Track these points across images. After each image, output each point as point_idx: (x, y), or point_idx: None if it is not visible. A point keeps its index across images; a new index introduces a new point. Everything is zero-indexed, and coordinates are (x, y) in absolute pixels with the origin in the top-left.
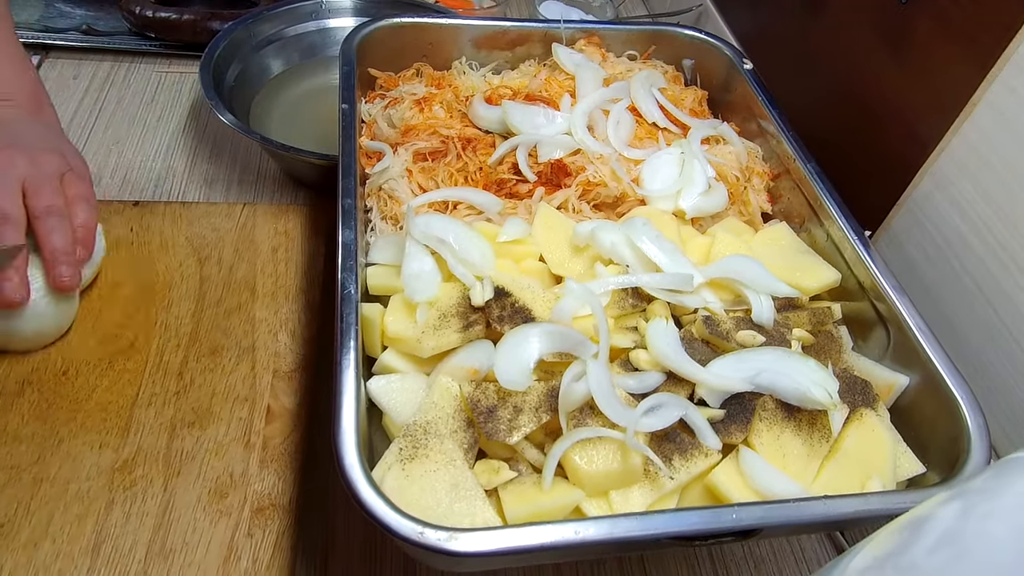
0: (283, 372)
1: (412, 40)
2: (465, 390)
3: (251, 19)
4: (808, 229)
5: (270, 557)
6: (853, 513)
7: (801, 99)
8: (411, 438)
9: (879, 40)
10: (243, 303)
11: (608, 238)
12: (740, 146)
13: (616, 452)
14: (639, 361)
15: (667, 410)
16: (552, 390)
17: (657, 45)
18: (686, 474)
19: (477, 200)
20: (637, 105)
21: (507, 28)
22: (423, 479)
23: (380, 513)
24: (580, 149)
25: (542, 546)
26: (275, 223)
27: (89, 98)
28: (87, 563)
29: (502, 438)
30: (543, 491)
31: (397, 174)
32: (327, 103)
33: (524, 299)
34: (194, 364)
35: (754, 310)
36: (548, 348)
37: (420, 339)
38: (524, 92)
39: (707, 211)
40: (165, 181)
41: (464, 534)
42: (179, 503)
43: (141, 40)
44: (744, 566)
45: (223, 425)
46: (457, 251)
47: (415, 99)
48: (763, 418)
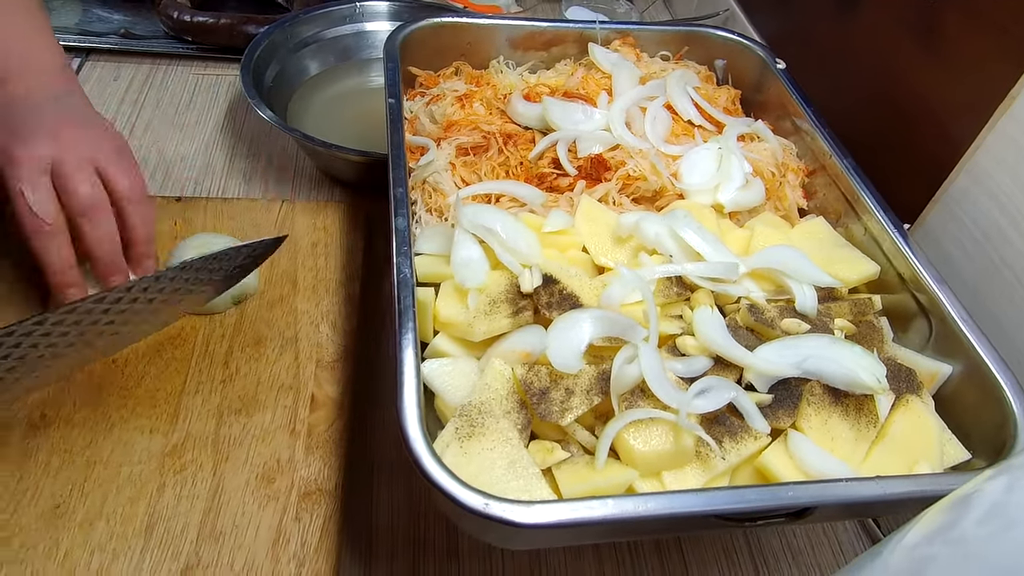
0: (326, 362)
1: (451, 40)
2: (518, 372)
3: (288, 22)
4: (845, 224)
5: (318, 540)
6: (905, 493)
7: (830, 100)
8: (467, 418)
9: (911, 37)
10: (285, 295)
11: (652, 229)
12: (775, 143)
13: (668, 433)
14: (686, 347)
15: (717, 393)
16: (602, 373)
17: (690, 46)
18: (736, 456)
19: (520, 193)
20: (673, 103)
21: (543, 28)
22: (480, 456)
23: (446, 485)
24: (618, 145)
25: (603, 519)
26: (313, 219)
27: (129, 99)
28: (141, 543)
29: (555, 419)
30: (597, 470)
31: (441, 167)
32: (362, 104)
33: (572, 286)
34: (239, 354)
35: (797, 299)
36: (599, 332)
37: (472, 324)
38: (562, 90)
39: (745, 205)
40: (205, 178)
41: (529, 506)
42: (228, 487)
43: (178, 43)
44: (782, 557)
45: (268, 412)
46: (505, 240)
47: (456, 96)
48: (811, 403)
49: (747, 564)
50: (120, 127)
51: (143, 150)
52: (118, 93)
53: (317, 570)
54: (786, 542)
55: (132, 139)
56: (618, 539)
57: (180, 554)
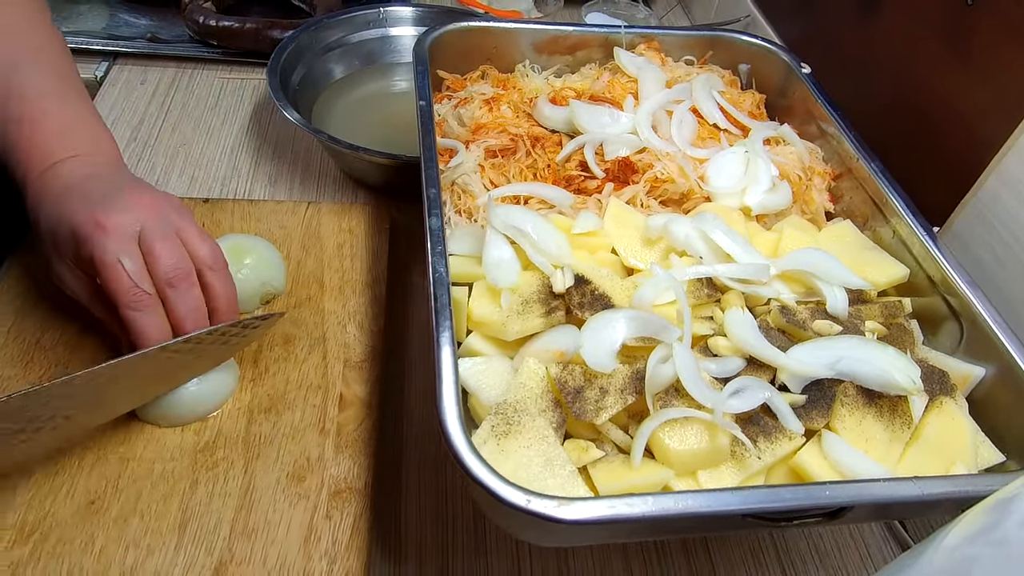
0: (353, 362)
1: (478, 44)
2: (552, 371)
3: (314, 26)
4: (872, 227)
5: (348, 538)
6: (943, 494)
7: (852, 104)
8: (503, 416)
9: (941, 42)
10: (312, 296)
11: (682, 231)
12: (801, 146)
13: (704, 432)
14: (718, 347)
15: (751, 393)
16: (636, 373)
17: (714, 50)
18: (771, 456)
19: (549, 195)
20: (698, 106)
21: (568, 33)
22: (517, 454)
23: (489, 482)
24: (645, 148)
25: (643, 517)
26: (339, 221)
27: (156, 102)
28: (175, 539)
29: (589, 417)
30: (633, 469)
31: (470, 169)
32: (385, 107)
33: (603, 287)
34: (268, 353)
35: (828, 301)
36: (632, 332)
37: (505, 323)
38: (588, 93)
39: (772, 208)
40: (231, 180)
41: (570, 503)
42: (259, 485)
43: (203, 47)
44: (809, 559)
45: (298, 411)
46: (536, 241)
47: (484, 99)
48: (844, 403)
49: (774, 565)
50: (147, 129)
51: (170, 152)
52: (145, 96)
53: (348, 567)
54: (813, 544)
55: (159, 142)
56: (654, 538)
57: (213, 550)
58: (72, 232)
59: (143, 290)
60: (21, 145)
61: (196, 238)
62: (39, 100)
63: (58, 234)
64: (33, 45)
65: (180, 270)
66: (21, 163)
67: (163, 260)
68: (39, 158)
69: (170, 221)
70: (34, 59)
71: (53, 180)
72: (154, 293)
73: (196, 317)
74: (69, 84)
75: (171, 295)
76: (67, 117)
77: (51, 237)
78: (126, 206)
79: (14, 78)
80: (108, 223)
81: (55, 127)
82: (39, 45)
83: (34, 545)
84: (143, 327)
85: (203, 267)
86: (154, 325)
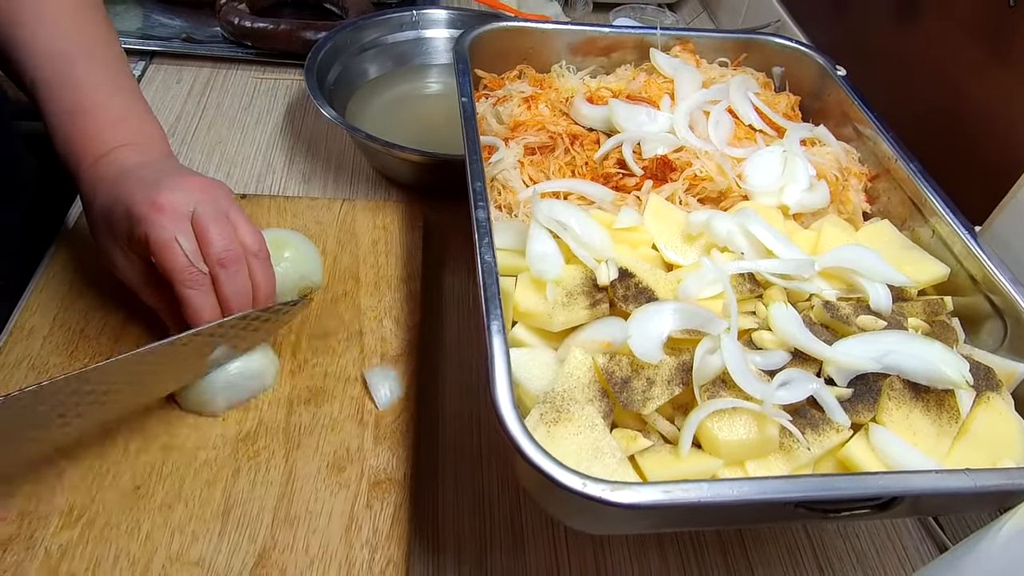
0: (390, 356)
1: (515, 44)
2: (599, 362)
3: (349, 27)
4: (910, 227)
5: (389, 527)
6: (996, 486)
7: (887, 109)
8: (550, 404)
9: (982, 44)
10: (348, 291)
11: (723, 227)
12: (837, 147)
13: (752, 422)
14: (763, 341)
15: (799, 384)
16: (682, 364)
17: (748, 53)
18: (820, 448)
19: (589, 191)
20: (734, 107)
21: (604, 34)
22: (566, 441)
23: (544, 465)
24: (683, 146)
25: (699, 503)
26: (373, 218)
27: (192, 101)
28: (219, 526)
29: (637, 408)
30: (681, 458)
31: (510, 165)
32: (418, 108)
33: (647, 280)
34: (306, 346)
35: (872, 298)
36: (679, 324)
37: (551, 314)
38: (625, 93)
39: (810, 207)
40: (266, 177)
41: (626, 487)
42: (300, 474)
43: (237, 48)
44: (846, 559)
45: (336, 403)
46: (579, 235)
47: (523, 97)
48: (891, 397)
49: (811, 565)
50: (184, 127)
51: (206, 149)
52: (181, 95)
53: (389, 556)
54: (850, 544)
55: (195, 139)
56: (703, 527)
57: (257, 537)
58: (127, 213)
59: (199, 269)
60: (75, 136)
61: (244, 225)
62: (93, 93)
63: (113, 216)
64: (88, 38)
65: (232, 252)
66: (74, 153)
67: (216, 241)
68: (93, 147)
69: (220, 205)
70: (89, 52)
71: (107, 167)
72: (207, 272)
73: (242, 300)
74: (121, 77)
75: (222, 275)
76: (120, 109)
77: (106, 221)
78: (180, 187)
79: (69, 71)
80: (163, 203)
81: (108, 118)
82: (94, 38)
83: (82, 529)
84: (198, 305)
85: (248, 254)
86: (208, 304)
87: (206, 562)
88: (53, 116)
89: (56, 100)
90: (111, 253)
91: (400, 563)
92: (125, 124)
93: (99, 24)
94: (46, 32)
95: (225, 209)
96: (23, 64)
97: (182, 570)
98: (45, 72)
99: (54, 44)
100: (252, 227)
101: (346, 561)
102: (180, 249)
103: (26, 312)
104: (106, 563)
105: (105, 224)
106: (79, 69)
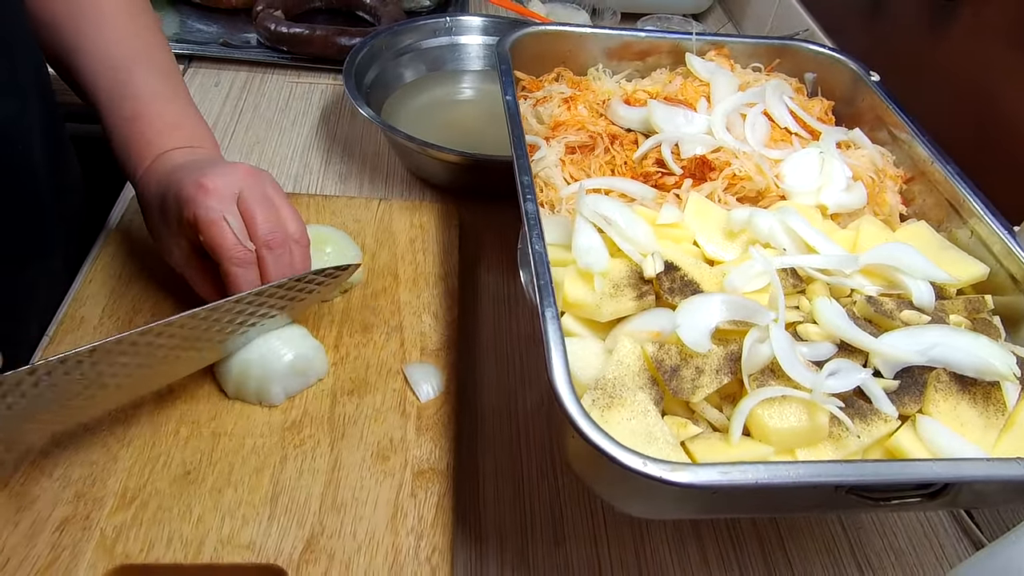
0: (430, 350)
1: (552, 47)
2: (649, 350)
3: (386, 32)
4: (948, 229)
5: (433, 516)
6: None
7: (919, 116)
8: (602, 390)
9: (1019, 50)
10: (387, 287)
11: (765, 223)
12: (873, 149)
13: (802, 410)
14: (808, 333)
15: (848, 374)
16: (730, 354)
17: (781, 59)
18: (869, 437)
19: (630, 189)
20: (770, 110)
21: (640, 38)
22: (620, 426)
23: (604, 445)
24: (720, 147)
25: (757, 484)
26: (410, 217)
27: (229, 103)
28: (268, 511)
29: (686, 396)
30: (732, 445)
31: (552, 163)
32: (451, 112)
33: (692, 273)
34: (347, 339)
35: (914, 294)
36: (727, 315)
37: (599, 305)
38: (662, 95)
39: (848, 207)
40: (303, 178)
41: (686, 467)
42: (345, 462)
43: (273, 53)
44: (885, 557)
45: (379, 395)
46: (623, 229)
47: (563, 97)
48: (938, 389)
49: (850, 562)
50: (222, 128)
51: (245, 150)
52: (219, 97)
53: (435, 544)
54: (887, 542)
55: (234, 140)
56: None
57: (305, 523)
58: (176, 197)
59: (246, 247)
60: (133, 140)
61: (287, 210)
62: (151, 101)
63: (165, 204)
64: (144, 44)
65: (277, 234)
66: (132, 157)
67: (262, 223)
68: (149, 151)
69: (266, 190)
70: (146, 60)
71: (160, 166)
72: (254, 251)
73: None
74: (174, 83)
75: (267, 256)
76: (175, 115)
77: (158, 208)
78: (226, 172)
79: (128, 78)
80: (210, 184)
81: (165, 124)
82: (150, 44)
83: (135, 511)
84: (244, 283)
85: (289, 239)
86: (254, 283)
87: (256, 545)
88: (113, 122)
89: (117, 108)
90: (164, 240)
91: (445, 551)
92: (179, 130)
93: (154, 31)
94: (105, 40)
95: (270, 194)
96: (83, 72)
97: (233, 553)
98: (105, 80)
99: (113, 51)
100: (295, 213)
101: (392, 548)
102: (228, 227)
103: (76, 302)
104: (160, 544)
105: (158, 213)
106: (137, 77)
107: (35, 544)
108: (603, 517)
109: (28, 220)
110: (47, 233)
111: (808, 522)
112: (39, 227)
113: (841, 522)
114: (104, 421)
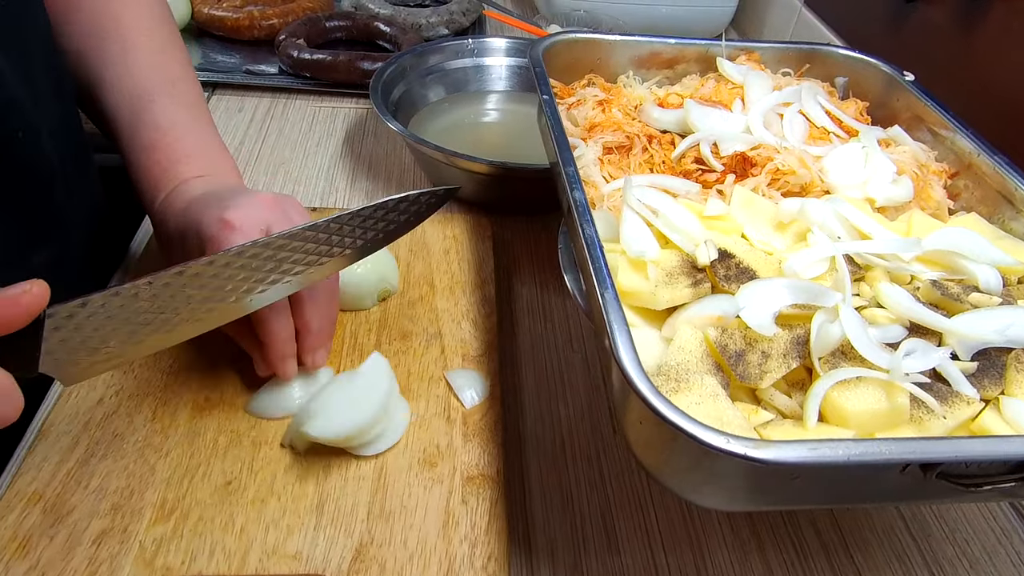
0: (471, 356)
1: (583, 55)
2: (711, 335)
3: (410, 54)
4: (1000, 220)
5: (487, 523)
6: None
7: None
8: (666, 376)
9: None
10: (424, 295)
11: (818, 213)
12: (915, 145)
13: (880, 392)
14: (876, 317)
15: (925, 354)
16: (797, 338)
17: (811, 64)
18: (953, 420)
19: (674, 185)
20: (806, 111)
21: (670, 46)
22: (689, 411)
23: (684, 423)
24: (759, 144)
25: (847, 462)
26: (443, 229)
27: (254, 127)
28: (313, 520)
29: (754, 381)
30: (808, 430)
31: (591, 161)
32: (475, 132)
33: (747, 260)
34: (387, 347)
35: (981, 279)
36: (790, 299)
37: (655, 292)
38: (697, 97)
39: (896, 200)
40: (329, 196)
41: (772, 444)
42: (391, 469)
43: (295, 79)
44: (959, 564)
45: (422, 401)
46: (671, 220)
47: (596, 100)
48: (1020, 370)
49: (922, 570)
50: (248, 150)
51: (270, 170)
52: (244, 122)
53: (490, 552)
54: (960, 549)
55: (259, 161)
56: (834, 503)
57: (353, 532)
58: (198, 235)
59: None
60: (149, 168)
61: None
62: (171, 130)
63: (186, 242)
64: (170, 76)
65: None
66: (149, 187)
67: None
68: (165, 180)
69: (291, 220)
70: (170, 91)
71: (178, 197)
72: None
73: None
74: (197, 113)
75: (301, 295)
76: (194, 144)
77: (180, 245)
78: (248, 203)
79: (148, 107)
80: (235, 221)
81: (181, 153)
82: (174, 78)
83: (175, 523)
84: (271, 325)
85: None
86: (284, 323)
87: (303, 555)
88: (130, 151)
89: (135, 137)
90: None
91: (502, 559)
92: (197, 158)
93: (182, 64)
94: (129, 72)
95: (296, 222)
96: (105, 102)
97: (280, 563)
98: (126, 110)
99: (136, 83)
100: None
101: (446, 556)
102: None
103: None
104: (202, 556)
105: (179, 247)
106: (157, 107)
107: (72, 558)
108: (657, 525)
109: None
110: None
111: (875, 531)
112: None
113: (910, 530)
114: (140, 430)
